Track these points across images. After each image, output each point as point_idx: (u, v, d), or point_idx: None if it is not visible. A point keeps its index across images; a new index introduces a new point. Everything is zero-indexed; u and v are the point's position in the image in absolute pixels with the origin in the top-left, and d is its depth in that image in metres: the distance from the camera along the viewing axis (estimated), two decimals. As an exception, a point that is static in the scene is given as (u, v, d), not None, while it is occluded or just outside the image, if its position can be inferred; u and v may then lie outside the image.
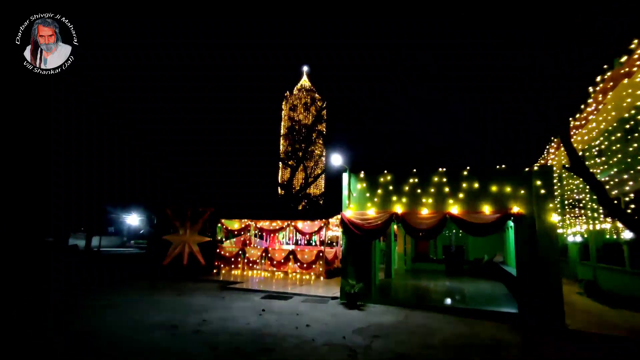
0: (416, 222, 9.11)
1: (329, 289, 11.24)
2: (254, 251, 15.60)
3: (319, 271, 14.22)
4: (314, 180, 26.74)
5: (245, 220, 16.04)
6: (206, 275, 14.44)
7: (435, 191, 9.20)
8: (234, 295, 10.27)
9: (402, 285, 12.80)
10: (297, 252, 14.71)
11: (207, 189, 24.45)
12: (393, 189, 9.64)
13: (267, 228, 15.61)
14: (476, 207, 8.75)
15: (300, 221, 15.02)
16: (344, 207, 10.03)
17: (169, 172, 31.07)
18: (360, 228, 9.56)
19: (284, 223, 15.22)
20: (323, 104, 28.09)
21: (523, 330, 7.01)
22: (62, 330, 6.33)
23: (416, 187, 9.41)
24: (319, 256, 14.24)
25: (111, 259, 23.60)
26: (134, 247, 36.79)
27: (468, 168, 9.05)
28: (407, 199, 9.44)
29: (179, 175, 29.10)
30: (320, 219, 14.63)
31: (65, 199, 29.98)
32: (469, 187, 8.92)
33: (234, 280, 12.76)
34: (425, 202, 9.22)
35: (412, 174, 9.52)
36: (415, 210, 9.27)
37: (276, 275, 14.66)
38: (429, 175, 9.33)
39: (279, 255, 14.95)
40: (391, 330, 6.77)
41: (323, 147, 27.45)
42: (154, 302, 8.94)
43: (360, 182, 10.03)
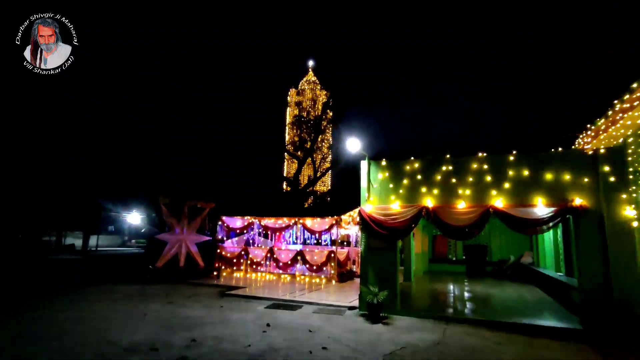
0: (451, 217, 7.58)
1: (344, 296, 9.74)
2: (258, 251, 14.14)
3: (330, 274, 12.73)
4: (323, 174, 25.20)
5: (248, 217, 14.59)
6: (205, 278, 13.02)
7: (475, 180, 7.65)
8: (233, 303, 8.82)
9: (426, 290, 11.26)
10: (305, 252, 13.23)
11: (207, 183, 23.05)
12: (422, 179, 8.10)
13: (272, 226, 14.14)
14: (526, 199, 7.19)
15: (309, 218, 13.53)
16: (363, 200, 8.52)
17: (170, 169, 29.85)
18: (382, 225, 8.04)
19: (290, 220, 13.74)
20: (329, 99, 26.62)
21: (601, 353, 5.44)
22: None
23: (450, 175, 7.86)
24: (330, 257, 12.75)
25: (107, 259, 22.32)
26: (135, 247, 35.60)
27: (515, 152, 7.49)
28: (439, 190, 7.90)
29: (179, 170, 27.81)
30: (331, 216, 13.13)
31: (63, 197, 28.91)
32: (516, 175, 7.36)
33: (235, 285, 11.30)
34: (462, 194, 7.68)
35: (445, 160, 7.98)
36: (449, 203, 7.73)
37: (282, 279, 13.20)
38: (467, 161, 7.78)
39: (286, 256, 13.48)
40: (433, 355, 5.25)
41: (331, 139, 25.94)
42: (137, 314, 7.51)
43: (382, 172, 8.51)
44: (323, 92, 70.19)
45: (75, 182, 30.80)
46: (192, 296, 9.67)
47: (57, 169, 29.09)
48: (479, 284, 13.18)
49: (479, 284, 13.18)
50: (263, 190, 24.28)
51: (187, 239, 13.68)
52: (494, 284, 13.23)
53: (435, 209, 7.73)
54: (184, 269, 13.39)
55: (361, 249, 8.45)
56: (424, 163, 8.15)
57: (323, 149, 26.38)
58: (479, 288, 11.95)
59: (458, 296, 10.27)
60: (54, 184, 28.27)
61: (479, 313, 7.90)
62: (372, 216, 8.21)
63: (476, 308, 8.57)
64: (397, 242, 8.21)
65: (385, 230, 8.00)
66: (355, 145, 8.44)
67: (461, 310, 8.30)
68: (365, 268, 8.25)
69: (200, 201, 14.33)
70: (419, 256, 15.13)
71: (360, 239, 8.55)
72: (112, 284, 11.47)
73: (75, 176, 30.93)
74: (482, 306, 8.83)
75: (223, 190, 22.67)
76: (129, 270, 15.04)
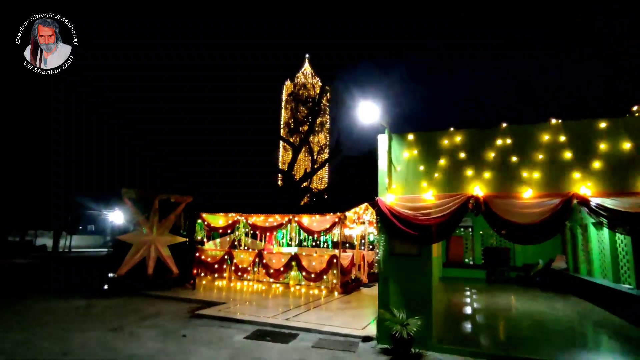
0: (513, 211, 5.25)
1: (353, 316, 7.39)
2: (244, 255, 11.75)
3: (332, 284, 10.38)
4: (321, 166, 22.71)
5: (232, 214, 12.19)
6: (177, 288, 10.61)
7: (547, 158, 5.33)
8: (203, 330, 6.42)
9: (455, 306, 8.93)
10: (301, 257, 10.86)
11: (184, 173, 20.44)
12: (467, 157, 5.76)
13: (262, 225, 11.75)
14: (626, 183, 4.89)
15: (306, 216, 11.16)
16: (381, 188, 6.17)
17: (167, 170, 27.42)
18: (410, 223, 5.70)
19: (283, 218, 11.36)
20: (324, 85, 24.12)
21: None
22: None
23: (509, 152, 5.54)
24: (332, 263, 10.39)
25: (73, 261, 19.75)
26: (117, 248, 32.88)
27: (608, 118, 5.18)
28: (493, 172, 5.57)
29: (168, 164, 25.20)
30: (333, 213, 10.78)
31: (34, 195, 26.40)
32: (611, 150, 5.05)
33: (212, 300, 8.89)
34: (529, 178, 5.35)
35: (502, 130, 5.65)
36: (509, 191, 5.41)
37: (273, 289, 10.82)
38: (535, 130, 5.45)
39: (277, 261, 11.09)
40: None
41: (329, 122, 23.43)
42: (55, 352, 5.09)
43: (409, 149, 6.16)
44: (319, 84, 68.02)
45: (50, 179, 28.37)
46: (150, 317, 7.25)
47: (57, 169, 27.04)
48: (511, 294, 10.92)
49: (510, 294, 10.92)
50: (252, 183, 21.59)
51: (158, 240, 11.22)
52: (526, 294, 10.98)
53: (489, 199, 5.40)
54: (153, 277, 10.94)
55: (379, 255, 6.10)
56: (469, 135, 5.82)
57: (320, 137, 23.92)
58: (519, 302, 9.65)
59: (500, 313, 7.97)
60: (54, 184, 26.12)
61: (546, 345, 5.57)
62: (395, 210, 5.87)
63: (536, 336, 6.24)
64: (431, 248, 5.87)
65: (415, 229, 5.66)
66: (370, 111, 6.09)
67: (518, 339, 5.98)
68: (385, 283, 5.90)
69: (174, 194, 11.88)
70: (439, 260, 12.84)
71: (378, 243, 6.20)
72: (56, 297, 9.03)
73: (52, 173, 28.53)
74: (539, 330, 6.52)
75: (203, 183, 20.05)
76: (89, 277, 12.55)
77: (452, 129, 5.91)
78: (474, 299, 9.96)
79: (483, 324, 7.31)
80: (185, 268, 11.58)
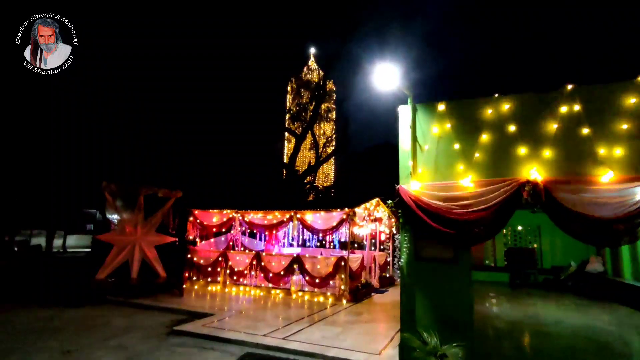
0: (585, 201, 3.86)
1: (366, 333, 6.04)
2: (241, 257, 10.45)
3: (339, 290, 9.04)
4: (327, 158, 21.28)
5: (227, 211, 10.90)
6: (165, 294, 9.36)
7: (633, 129, 3.93)
8: (179, 354, 5.12)
9: (489, 319, 7.51)
10: (304, 259, 9.52)
11: (175, 165, 19.02)
12: (519, 132, 4.37)
13: (260, 222, 10.44)
14: None
15: (310, 212, 9.82)
16: (404, 174, 4.81)
17: (161, 164, 26.21)
18: (443, 217, 4.34)
19: (284, 215, 10.03)
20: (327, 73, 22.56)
21: None
22: None
23: (578, 122, 4.14)
24: (340, 267, 9.04)
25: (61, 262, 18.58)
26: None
27: None
28: (554, 150, 4.18)
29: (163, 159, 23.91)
30: (340, 209, 9.42)
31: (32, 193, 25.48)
32: None
33: (199, 311, 7.58)
34: (607, 156, 3.96)
35: (566, 94, 4.24)
36: (579, 174, 4.02)
37: (272, 295, 9.52)
38: (613, 92, 4.05)
39: (278, 264, 9.77)
40: None
41: (335, 112, 21.96)
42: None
43: (440, 122, 4.78)
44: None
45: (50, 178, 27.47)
46: (119, 334, 5.97)
47: (57, 169, 26.26)
48: (544, 302, 9.49)
49: (542, 302, 9.49)
50: (251, 177, 19.98)
51: (143, 240, 9.97)
52: (560, 301, 9.54)
53: (551, 185, 4.01)
54: (137, 281, 9.70)
55: (402, 260, 4.73)
56: (522, 102, 4.42)
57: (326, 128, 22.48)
58: (559, 313, 8.21)
59: (544, 328, 6.55)
60: (54, 184, 25.29)
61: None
62: (422, 201, 4.51)
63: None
64: (470, 250, 4.49)
65: (450, 226, 4.29)
66: (389, 76, 4.73)
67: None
68: (409, 297, 4.53)
69: (162, 188, 10.62)
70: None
71: (400, 243, 4.83)
72: (21, 305, 7.81)
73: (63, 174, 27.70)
74: (607, 356, 5.11)
75: (197, 176, 18.61)
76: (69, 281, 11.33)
77: (497, 95, 4.53)
78: (505, 309, 8.54)
79: (533, 347, 5.91)
80: (174, 271, 10.31)
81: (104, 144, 25.65)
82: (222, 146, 22.37)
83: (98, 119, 29.57)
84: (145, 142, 24.50)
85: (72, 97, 29.21)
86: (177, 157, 21.28)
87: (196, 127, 23.72)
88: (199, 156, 20.83)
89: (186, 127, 23.09)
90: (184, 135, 22.19)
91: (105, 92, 29.92)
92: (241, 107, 23.56)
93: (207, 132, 23.27)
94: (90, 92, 31.99)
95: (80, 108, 30.57)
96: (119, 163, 30.07)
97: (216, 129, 23.15)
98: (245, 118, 22.38)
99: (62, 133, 28.20)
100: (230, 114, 24.03)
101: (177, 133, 22.89)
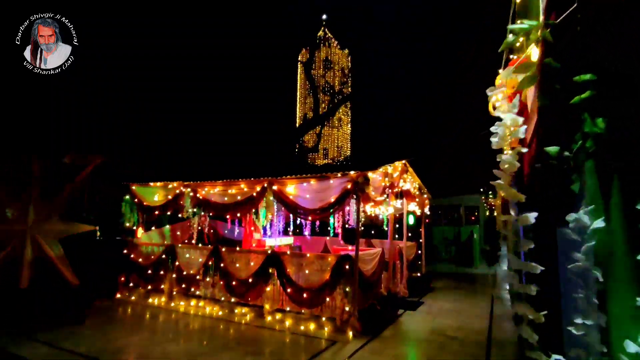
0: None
1: None
2: (192, 254, 6.74)
3: (342, 312, 5.18)
4: (339, 104, 16.37)
5: (174, 184, 7.18)
6: (65, 317, 5.85)
7: None
8: None
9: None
10: (284, 258, 5.69)
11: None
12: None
13: (219, 201, 6.64)
14: None
15: (293, 180, 5.91)
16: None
17: None
18: None
19: (253, 187, 6.19)
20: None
21: None
22: None
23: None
24: (342, 270, 5.17)
25: None
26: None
27: None
28: None
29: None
30: (342, 173, 5.49)
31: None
32: None
33: (112, 348, 3.94)
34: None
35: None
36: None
37: (235, 317, 5.83)
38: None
39: (244, 265, 6.00)
40: None
41: None
42: None
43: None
44: (339, 51, 61.09)
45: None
46: None
47: None
48: None
49: None
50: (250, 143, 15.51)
51: (39, 230, 6.40)
52: None
53: None
54: (29, 293, 6.20)
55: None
56: None
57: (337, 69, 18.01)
58: None
59: None
60: None
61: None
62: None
63: None
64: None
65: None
66: None
67: None
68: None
69: (73, 153, 6.97)
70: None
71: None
72: None
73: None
74: None
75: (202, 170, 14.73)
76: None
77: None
78: None
79: None
80: (93, 278, 6.76)
81: (103, 144, 23.77)
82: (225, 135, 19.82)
83: (98, 119, 28.05)
84: (145, 142, 22.72)
85: (72, 97, 27.61)
86: (177, 157, 19.05)
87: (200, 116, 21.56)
88: (202, 156, 18.25)
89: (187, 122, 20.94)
90: (184, 136, 20.03)
91: (105, 92, 28.30)
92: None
93: (209, 132, 21.10)
94: (90, 92, 30.27)
95: (80, 108, 29.05)
96: (119, 163, 28.00)
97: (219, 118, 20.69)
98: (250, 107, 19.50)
99: (62, 133, 26.67)
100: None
101: (178, 133, 21.05)
